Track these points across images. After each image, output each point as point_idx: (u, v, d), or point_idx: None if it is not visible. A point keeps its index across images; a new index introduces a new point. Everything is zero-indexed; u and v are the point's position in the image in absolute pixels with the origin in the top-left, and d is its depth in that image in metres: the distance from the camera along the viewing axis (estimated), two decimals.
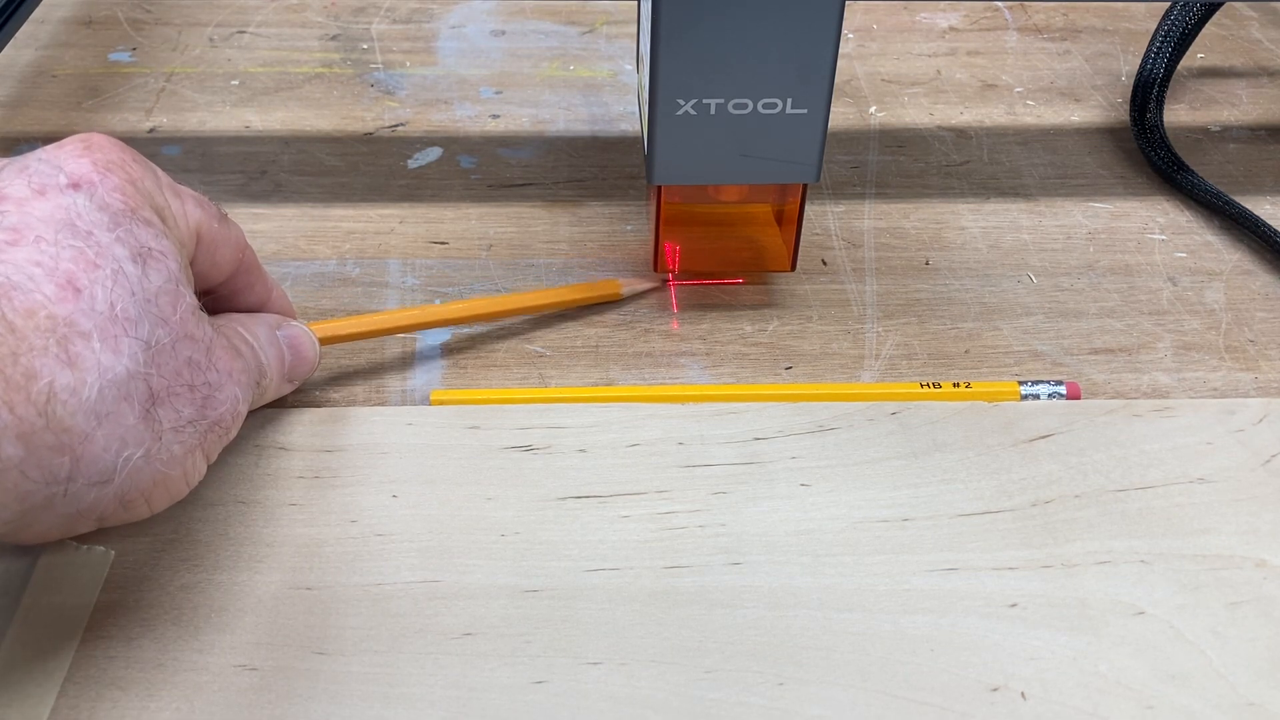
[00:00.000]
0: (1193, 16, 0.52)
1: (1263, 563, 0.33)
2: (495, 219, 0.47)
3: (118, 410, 0.27)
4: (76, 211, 0.28)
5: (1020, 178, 0.50)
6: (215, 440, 0.31)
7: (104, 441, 0.27)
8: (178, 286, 0.29)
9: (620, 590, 0.32)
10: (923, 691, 0.30)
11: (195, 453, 0.30)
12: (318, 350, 0.37)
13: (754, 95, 0.37)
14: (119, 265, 0.28)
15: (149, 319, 0.28)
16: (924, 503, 0.35)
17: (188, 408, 0.29)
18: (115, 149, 0.30)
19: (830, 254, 0.45)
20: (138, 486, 0.29)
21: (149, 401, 0.28)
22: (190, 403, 0.29)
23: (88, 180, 0.29)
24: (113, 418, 0.27)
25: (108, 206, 0.28)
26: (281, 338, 0.36)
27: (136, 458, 0.28)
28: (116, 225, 0.28)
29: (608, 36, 0.59)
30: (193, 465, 0.31)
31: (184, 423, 0.29)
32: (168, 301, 0.29)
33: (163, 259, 0.29)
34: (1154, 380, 0.40)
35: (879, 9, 0.62)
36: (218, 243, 0.33)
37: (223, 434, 0.31)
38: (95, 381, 0.27)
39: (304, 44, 0.58)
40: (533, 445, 0.36)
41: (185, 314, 0.29)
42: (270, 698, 0.30)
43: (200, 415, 0.30)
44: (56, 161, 0.29)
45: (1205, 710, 0.30)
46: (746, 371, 0.40)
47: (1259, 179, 0.50)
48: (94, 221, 0.28)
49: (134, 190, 0.29)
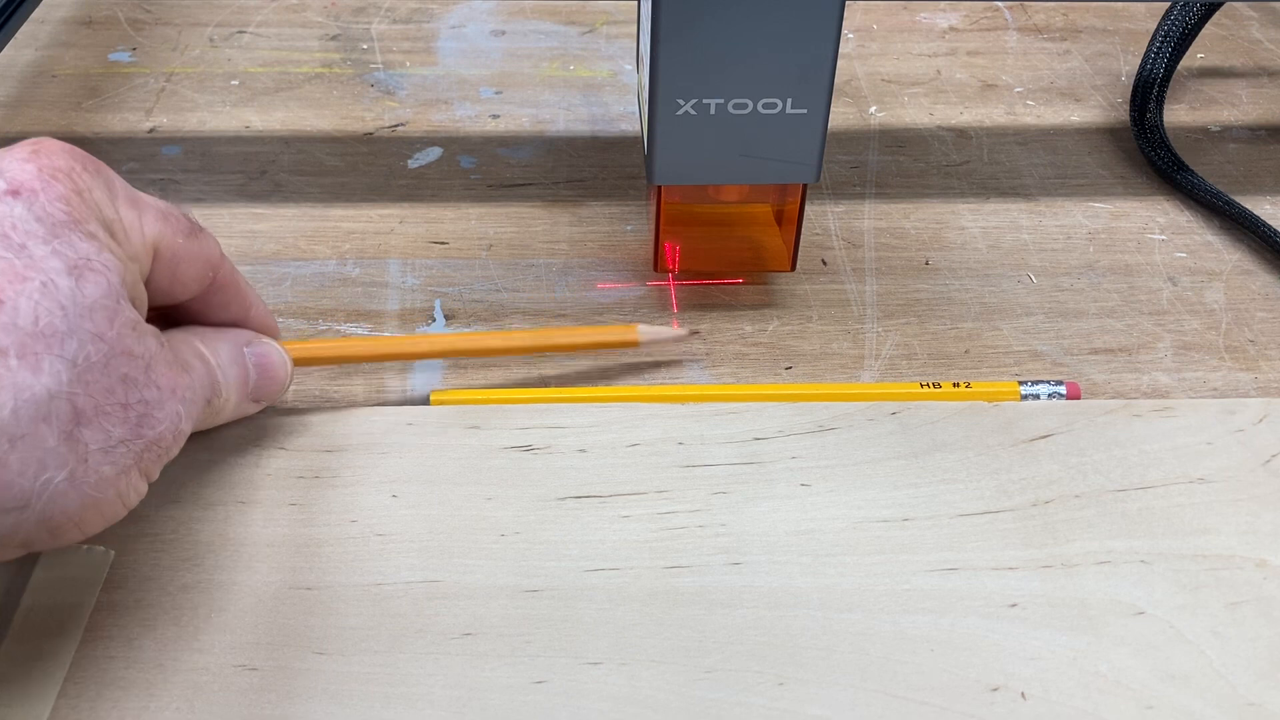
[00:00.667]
0: (1193, 16, 0.52)
1: (1263, 563, 0.33)
2: (495, 219, 0.47)
3: (35, 431, 0.26)
4: (12, 222, 0.27)
5: (1020, 178, 0.50)
6: (153, 460, 0.29)
7: (19, 465, 0.26)
8: (117, 301, 0.28)
9: (620, 590, 0.32)
10: (923, 691, 0.30)
11: (130, 473, 0.28)
12: (289, 371, 0.36)
13: (754, 95, 0.37)
14: (50, 278, 0.26)
15: (79, 335, 0.27)
16: (924, 503, 0.35)
17: (119, 427, 0.28)
18: (65, 156, 0.29)
19: (830, 254, 0.45)
20: (64, 511, 0.27)
21: (73, 422, 0.26)
22: (123, 422, 0.28)
23: (29, 188, 0.28)
24: (29, 439, 0.26)
25: (47, 216, 0.27)
26: (250, 355, 0.34)
27: (58, 481, 0.26)
28: (55, 236, 0.27)
29: (608, 36, 0.59)
30: (128, 485, 0.29)
31: (115, 443, 0.28)
32: (103, 317, 0.27)
33: (103, 272, 0.28)
34: (1154, 380, 0.40)
35: (879, 9, 0.62)
36: (180, 258, 0.32)
37: (161, 453, 0.30)
38: (9, 401, 0.25)
39: (304, 44, 0.58)
40: (533, 445, 0.36)
41: (123, 329, 0.28)
42: (270, 698, 0.30)
43: (135, 435, 0.28)
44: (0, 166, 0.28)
45: (1205, 710, 0.30)
46: (746, 371, 0.40)
47: (1259, 179, 0.50)
48: (29, 232, 0.27)
49: (79, 201, 0.28)
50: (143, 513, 0.34)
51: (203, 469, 0.35)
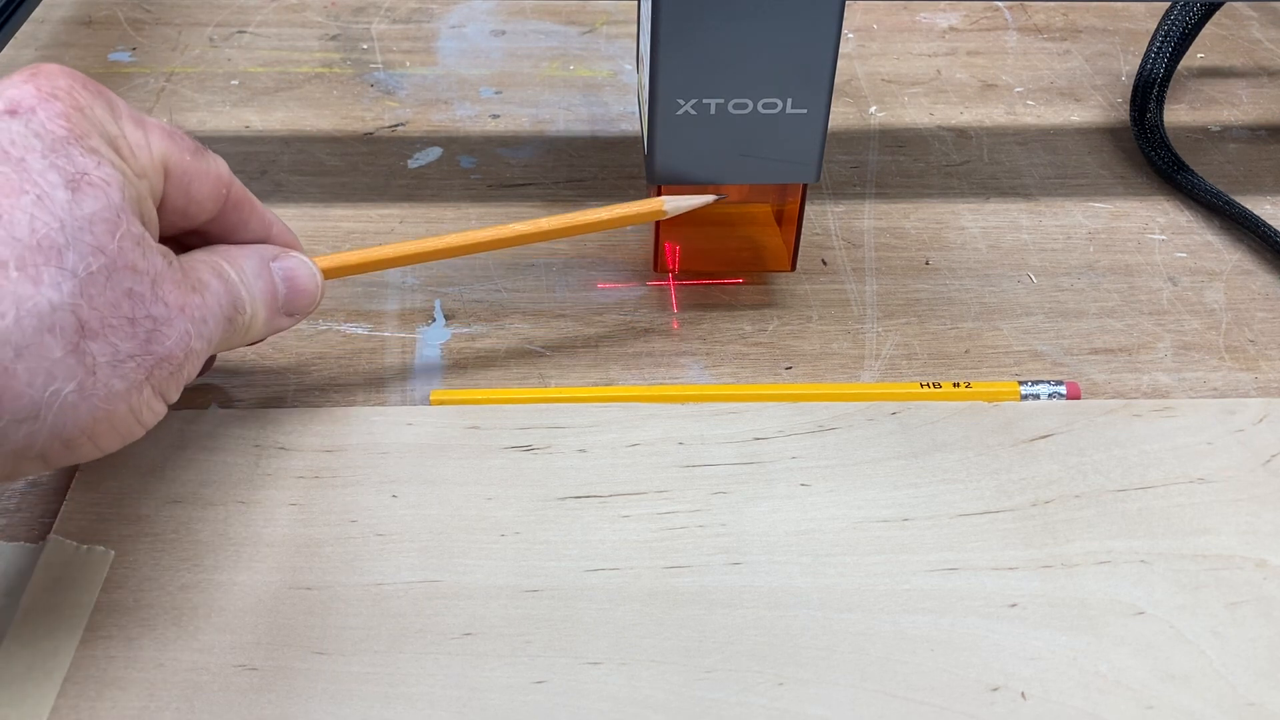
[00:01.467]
0: (1193, 16, 0.52)
1: (1263, 563, 0.33)
2: (495, 219, 0.47)
3: (40, 342, 0.26)
4: (10, 137, 0.27)
5: (1020, 178, 0.50)
6: (166, 376, 0.29)
7: (26, 375, 0.26)
8: (118, 215, 0.28)
9: (620, 590, 0.32)
10: (923, 691, 0.30)
11: (142, 389, 0.29)
12: (319, 283, 0.36)
13: (754, 95, 0.37)
14: (45, 191, 0.27)
15: (78, 248, 0.27)
16: (924, 503, 0.35)
17: (126, 341, 0.28)
18: (64, 76, 0.29)
19: (830, 254, 0.45)
20: (76, 424, 0.27)
21: (78, 334, 0.27)
22: (130, 336, 0.28)
23: (27, 107, 0.28)
24: (34, 350, 0.26)
25: (46, 133, 0.28)
26: (276, 270, 0.34)
27: (67, 392, 0.27)
28: (52, 151, 0.27)
29: (608, 36, 0.59)
30: (141, 401, 0.29)
31: (123, 357, 0.28)
32: (104, 229, 0.28)
33: (103, 186, 0.28)
34: (1154, 380, 0.40)
35: (879, 9, 0.62)
36: (191, 176, 0.32)
37: (174, 369, 0.30)
38: (10, 311, 0.26)
39: (304, 44, 0.58)
40: (533, 445, 0.36)
41: (125, 243, 0.28)
42: (270, 698, 0.30)
43: (143, 350, 0.28)
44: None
45: (1205, 710, 0.30)
46: (746, 371, 0.40)
47: (1259, 179, 0.50)
48: (27, 147, 0.27)
49: (80, 117, 0.29)
50: (143, 513, 0.34)
51: (203, 469, 0.35)
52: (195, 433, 0.36)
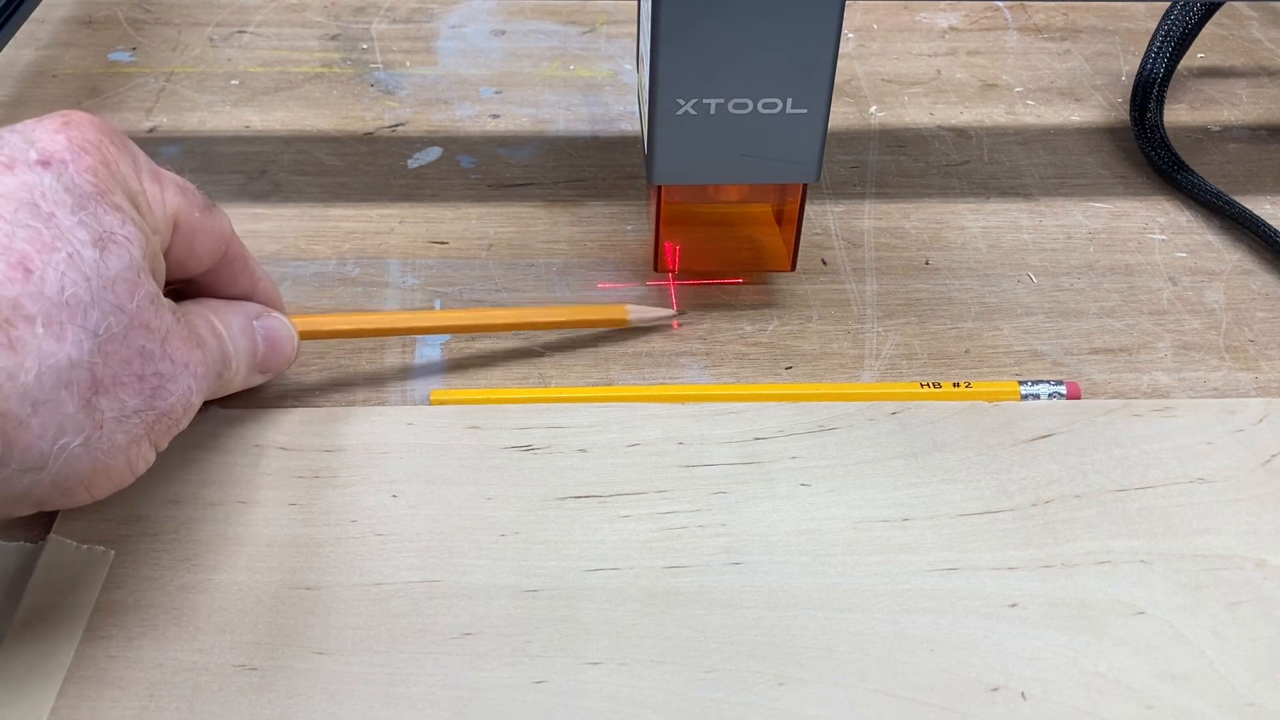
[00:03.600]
0: (1193, 16, 0.52)
1: (1263, 563, 0.33)
2: (495, 219, 0.47)
3: (56, 398, 0.27)
4: (41, 191, 0.28)
5: (1020, 178, 0.50)
6: (164, 430, 0.30)
7: (39, 428, 0.27)
8: (138, 274, 0.29)
9: (620, 590, 0.32)
10: (923, 691, 0.30)
11: (141, 442, 0.30)
12: (296, 344, 0.37)
13: (754, 95, 0.37)
14: (76, 249, 0.27)
15: (101, 306, 0.28)
16: (924, 503, 0.35)
17: (134, 398, 0.29)
18: (94, 128, 0.30)
19: (830, 254, 0.45)
20: (76, 474, 0.28)
21: (91, 390, 0.27)
22: (138, 393, 0.29)
23: (59, 159, 0.28)
24: (50, 405, 0.27)
25: (75, 188, 0.28)
26: (259, 328, 0.35)
27: (74, 446, 0.27)
28: (81, 208, 0.28)
29: (608, 36, 0.59)
30: (138, 454, 0.30)
31: (129, 412, 0.29)
32: (125, 289, 0.28)
33: (126, 245, 0.28)
34: (1154, 380, 0.40)
35: (879, 9, 0.62)
36: (197, 232, 0.33)
37: (172, 425, 0.31)
38: (34, 367, 0.26)
39: (304, 44, 0.58)
40: (533, 445, 0.36)
41: (143, 302, 0.29)
42: (270, 698, 0.30)
43: (148, 405, 0.29)
44: (31, 136, 0.29)
45: (1205, 710, 0.30)
46: (746, 371, 0.40)
47: (1259, 179, 0.50)
48: (58, 202, 0.28)
49: (106, 173, 0.29)
50: (143, 513, 0.34)
51: (203, 469, 0.35)
52: (195, 433, 0.36)
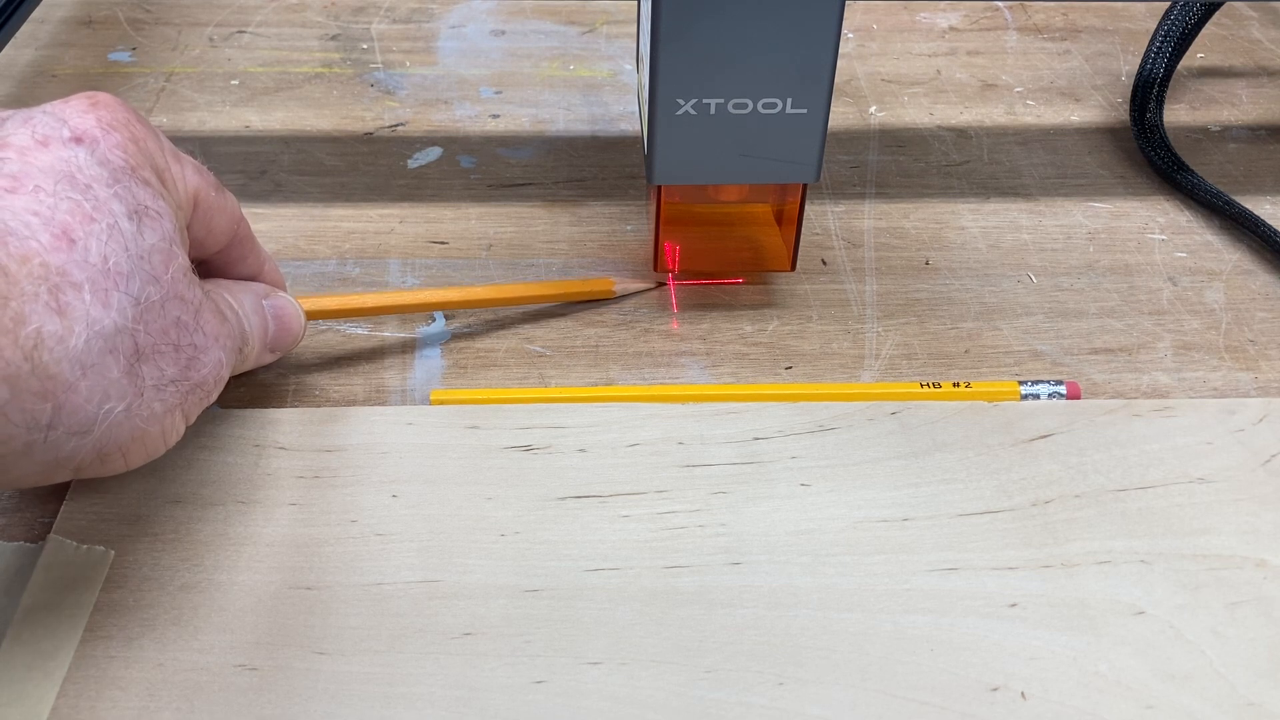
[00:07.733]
0: (1193, 16, 0.52)
1: (1263, 563, 0.33)
2: (495, 219, 0.47)
3: (103, 362, 0.27)
4: (77, 165, 0.28)
5: (1020, 178, 0.50)
6: (196, 402, 0.31)
7: (87, 392, 0.27)
8: (171, 246, 0.30)
9: (620, 590, 0.32)
10: (923, 691, 0.30)
11: (175, 412, 0.30)
12: (303, 323, 0.38)
13: (754, 95, 0.37)
14: (115, 221, 0.28)
15: (140, 276, 0.28)
16: (924, 503, 0.35)
17: (171, 367, 0.30)
18: (121, 108, 0.31)
19: (830, 254, 0.45)
20: (116, 440, 0.29)
21: (134, 357, 0.28)
22: (174, 362, 0.30)
23: (90, 136, 0.29)
24: (97, 369, 0.27)
25: (108, 163, 0.29)
26: (268, 307, 0.36)
27: (117, 411, 0.28)
28: (115, 182, 0.29)
29: (608, 36, 0.59)
30: (171, 424, 0.31)
31: (166, 381, 0.29)
32: (160, 260, 0.29)
33: (158, 218, 0.29)
34: (1154, 380, 0.40)
35: (879, 9, 0.62)
36: (214, 210, 0.33)
37: (204, 396, 0.31)
38: (83, 332, 0.27)
39: (304, 44, 0.58)
40: (533, 445, 0.36)
41: (177, 274, 0.30)
42: (270, 698, 0.30)
43: (183, 376, 0.30)
44: (62, 115, 0.29)
45: (1205, 710, 0.30)
46: (746, 371, 0.40)
47: (1259, 179, 0.50)
48: (94, 176, 0.28)
49: (135, 149, 0.30)
50: (143, 513, 0.34)
51: (203, 469, 0.35)
52: (195, 433, 0.36)
